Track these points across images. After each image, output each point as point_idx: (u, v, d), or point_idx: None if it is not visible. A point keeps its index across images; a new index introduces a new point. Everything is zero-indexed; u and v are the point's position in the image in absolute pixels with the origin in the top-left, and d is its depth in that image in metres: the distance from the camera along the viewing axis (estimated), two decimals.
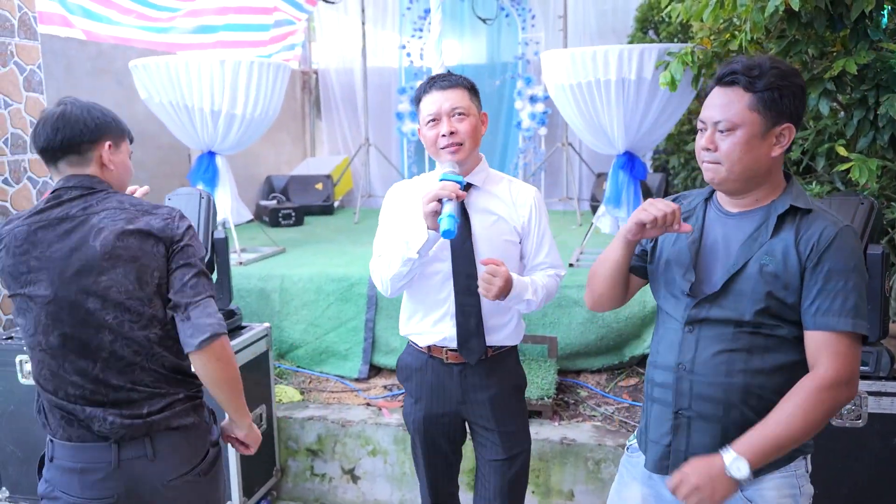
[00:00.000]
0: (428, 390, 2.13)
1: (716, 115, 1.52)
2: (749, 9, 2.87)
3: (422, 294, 2.09)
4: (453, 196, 1.85)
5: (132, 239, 1.65)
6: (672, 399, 1.61)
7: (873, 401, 2.30)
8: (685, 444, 1.60)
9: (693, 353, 1.58)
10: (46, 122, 1.74)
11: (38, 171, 4.04)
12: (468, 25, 7.01)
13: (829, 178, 3.34)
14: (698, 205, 1.68)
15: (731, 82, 1.51)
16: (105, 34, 4.70)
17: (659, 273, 1.70)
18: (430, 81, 2.04)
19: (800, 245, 1.49)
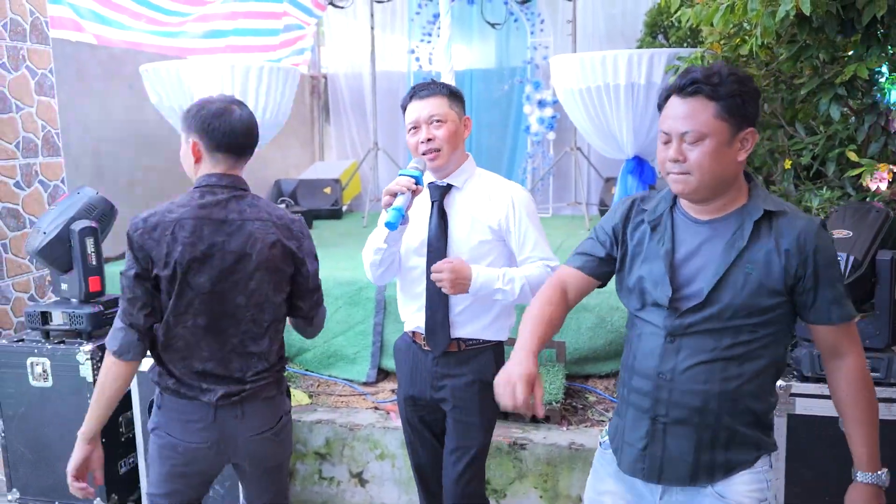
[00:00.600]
0: (408, 372, 2.32)
1: (682, 126, 1.50)
2: (760, 13, 2.86)
3: (405, 286, 2.31)
4: (405, 190, 2.02)
5: (277, 251, 1.97)
6: (650, 405, 1.62)
7: (884, 407, 2.28)
8: (661, 450, 1.62)
9: (674, 363, 1.59)
10: (241, 121, 1.99)
11: (49, 175, 4.07)
12: (477, 30, 7.02)
13: (840, 183, 3.32)
14: (664, 213, 1.65)
15: (693, 92, 1.50)
16: (116, 38, 4.73)
17: (631, 283, 1.67)
18: (412, 91, 2.19)
19: (782, 250, 1.51)
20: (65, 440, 2.98)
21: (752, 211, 1.54)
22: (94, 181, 4.40)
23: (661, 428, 1.61)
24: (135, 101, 4.75)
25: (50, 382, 2.97)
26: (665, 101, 1.56)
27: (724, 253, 1.54)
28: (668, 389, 1.59)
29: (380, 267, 2.22)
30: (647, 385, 1.62)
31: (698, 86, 1.48)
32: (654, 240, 1.63)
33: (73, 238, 2.89)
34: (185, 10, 5.24)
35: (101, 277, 3.02)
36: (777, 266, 1.51)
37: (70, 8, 4.36)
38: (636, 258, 1.66)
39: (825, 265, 1.53)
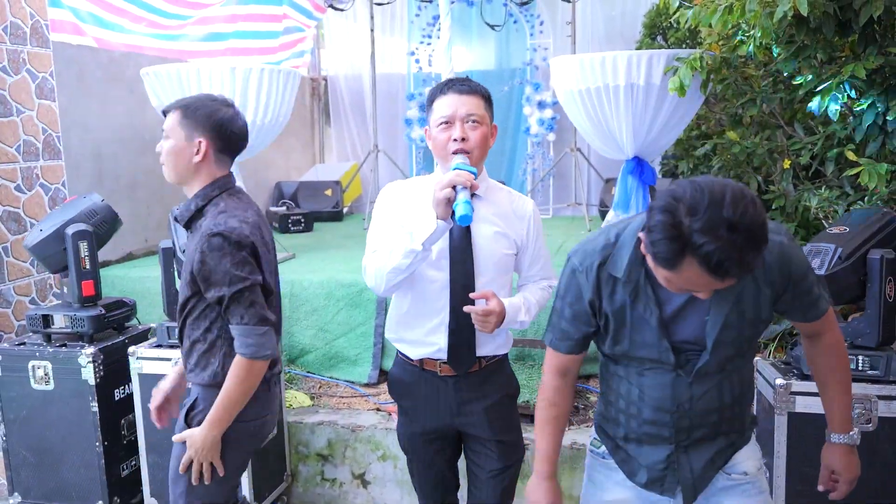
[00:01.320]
0: (423, 405, 2.08)
1: (724, 287, 1.38)
2: (758, 14, 2.87)
3: (418, 302, 2.02)
4: (468, 184, 1.82)
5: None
6: (670, 434, 1.64)
7: (883, 405, 2.29)
8: (688, 467, 1.66)
9: (690, 394, 1.61)
10: (245, 126, 2.04)
11: (49, 178, 4.08)
12: (476, 32, 7.03)
13: (839, 182, 3.33)
14: (639, 278, 1.54)
15: (739, 276, 1.32)
16: (116, 42, 4.74)
17: (624, 349, 1.62)
18: (448, 83, 1.99)
19: (767, 281, 1.54)
20: (66, 443, 2.99)
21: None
22: (94, 184, 4.42)
23: (682, 451, 1.66)
24: (135, 104, 4.77)
25: (52, 386, 2.98)
26: (678, 263, 1.31)
27: (718, 302, 1.52)
28: (688, 417, 1.62)
29: (404, 273, 1.91)
30: (666, 417, 1.63)
31: (744, 271, 1.31)
32: (637, 308, 1.56)
33: (66, 240, 2.90)
34: (186, 13, 5.25)
35: (95, 282, 2.99)
36: (765, 297, 1.56)
37: (70, 11, 4.37)
38: (622, 327, 1.60)
39: (799, 279, 1.56)
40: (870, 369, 2.33)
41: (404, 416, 2.16)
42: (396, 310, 2.10)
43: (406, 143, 7.34)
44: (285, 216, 5.93)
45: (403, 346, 2.10)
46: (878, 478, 2.29)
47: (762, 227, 1.28)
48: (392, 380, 2.17)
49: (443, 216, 1.85)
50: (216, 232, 1.86)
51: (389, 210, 2.04)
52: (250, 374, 1.92)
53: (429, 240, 1.87)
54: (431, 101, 2.00)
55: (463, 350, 2.00)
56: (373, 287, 1.99)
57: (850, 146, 3.00)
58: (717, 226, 1.24)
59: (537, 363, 3.52)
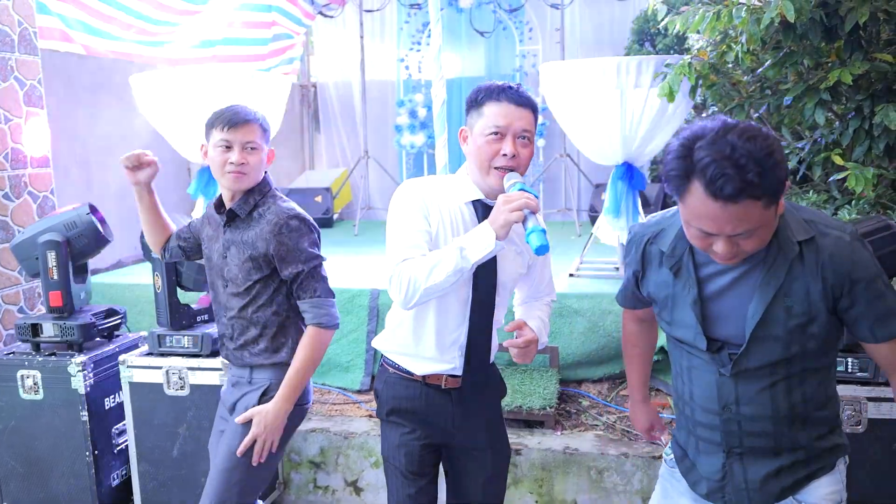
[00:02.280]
0: (424, 419, 1.99)
1: (734, 229, 1.34)
2: (745, 21, 2.90)
3: (435, 320, 1.91)
4: (538, 210, 1.71)
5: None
6: (721, 439, 1.57)
7: (873, 406, 2.31)
8: (743, 481, 1.58)
9: (735, 395, 1.53)
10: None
11: (38, 186, 4.05)
12: (466, 38, 7.07)
13: (826, 186, 3.36)
14: (683, 254, 1.54)
15: (738, 198, 1.30)
16: (105, 49, 4.72)
17: (667, 326, 1.62)
18: (502, 89, 1.82)
19: (819, 276, 1.43)
20: (56, 453, 2.97)
21: (784, 246, 1.44)
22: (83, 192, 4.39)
23: (737, 458, 1.57)
24: (124, 111, 4.75)
25: (41, 395, 2.95)
26: (684, 187, 1.34)
27: (761, 292, 1.46)
28: (736, 422, 1.54)
29: (443, 291, 1.77)
30: (714, 420, 1.57)
31: (742, 191, 1.28)
32: (678, 284, 1.55)
33: (36, 248, 2.88)
34: (174, 21, 5.24)
35: (63, 292, 2.91)
36: (817, 294, 1.44)
37: (59, 18, 4.35)
38: (667, 302, 1.60)
39: (861, 281, 1.43)
40: (858, 371, 2.35)
41: (400, 431, 2.02)
42: (406, 326, 1.96)
43: (396, 150, 7.35)
44: None
45: (406, 361, 1.98)
46: (867, 479, 2.31)
47: (769, 156, 1.28)
48: (385, 397, 2.03)
49: (503, 237, 1.71)
50: (293, 215, 2.09)
51: (414, 212, 1.86)
52: (323, 343, 2.12)
53: (481, 260, 1.73)
54: (481, 104, 1.83)
55: (479, 364, 1.96)
56: (400, 300, 1.80)
57: (836, 150, 3.03)
58: (720, 146, 1.28)
59: (529, 367, 3.52)
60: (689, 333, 1.55)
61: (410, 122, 7.07)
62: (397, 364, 2.00)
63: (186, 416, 2.92)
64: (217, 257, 2.19)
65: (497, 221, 1.70)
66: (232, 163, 2.06)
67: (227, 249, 2.14)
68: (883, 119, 2.74)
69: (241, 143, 2.07)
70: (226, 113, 2.08)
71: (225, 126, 2.06)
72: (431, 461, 2.05)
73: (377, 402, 2.08)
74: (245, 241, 2.11)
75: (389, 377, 2.03)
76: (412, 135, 7.08)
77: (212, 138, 2.10)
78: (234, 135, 2.06)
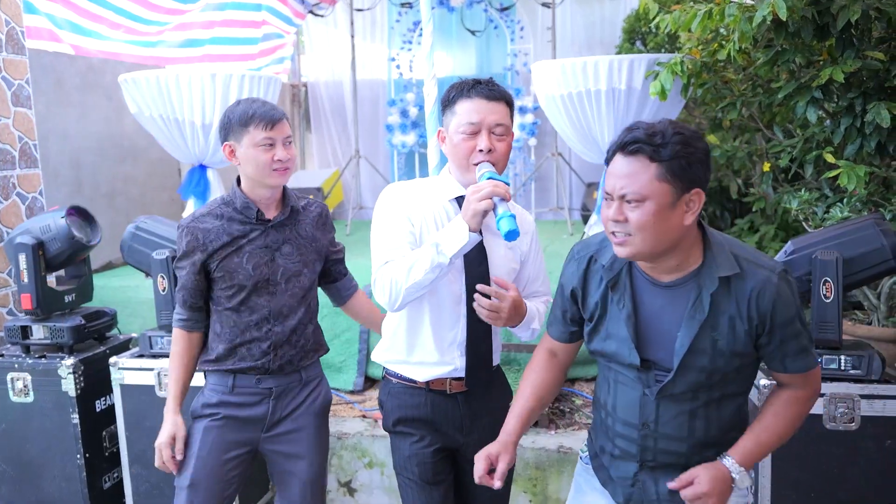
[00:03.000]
0: (433, 427, 1.95)
1: (622, 187, 1.43)
2: (737, 19, 2.90)
3: (430, 320, 1.90)
4: (507, 196, 1.71)
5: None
6: (636, 452, 1.62)
7: (866, 404, 2.31)
8: (654, 489, 1.63)
9: (655, 415, 1.58)
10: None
11: (26, 187, 4.02)
12: (457, 37, 7.06)
13: (818, 184, 3.38)
14: (622, 271, 1.59)
15: (635, 151, 1.41)
16: (94, 49, 4.68)
17: (599, 343, 1.64)
18: (473, 84, 1.84)
19: (744, 315, 1.48)
20: (47, 456, 2.94)
21: (706, 281, 1.49)
22: (73, 192, 4.36)
23: (648, 470, 1.63)
24: (114, 111, 4.72)
25: (31, 398, 2.92)
26: (611, 157, 1.48)
27: (687, 324, 1.50)
28: (653, 439, 1.60)
29: (425, 289, 1.78)
30: (633, 433, 1.61)
31: (640, 145, 1.41)
32: (614, 301, 1.59)
33: (9, 249, 2.86)
34: (163, 20, 5.21)
35: (34, 295, 2.88)
36: (741, 330, 1.49)
37: (47, 18, 4.32)
38: (601, 319, 1.62)
39: (782, 322, 1.49)
40: (852, 368, 2.35)
41: (409, 440, 1.98)
42: (401, 332, 1.96)
43: (387, 149, 7.34)
44: None
45: (407, 369, 1.96)
46: (861, 476, 2.31)
47: (683, 141, 1.41)
48: (390, 407, 1.99)
49: (476, 228, 1.72)
50: (322, 203, 2.25)
51: (396, 214, 1.89)
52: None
53: (458, 253, 1.74)
54: (453, 103, 1.85)
55: (481, 367, 1.94)
56: (385, 302, 1.81)
57: (828, 149, 3.04)
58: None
59: (522, 366, 3.52)
60: (623, 348, 1.58)
61: (402, 121, 7.06)
62: (399, 374, 1.98)
63: None
64: (261, 263, 2.07)
65: (467, 213, 1.71)
66: (280, 160, 2.01)
67: (278, 250, 2.09)
68: (874, 117, 2.75)
69: (283, 140, 2.03)
70: (260, 110, 2.00)
71: (267, 124, 1.99)
72: (446, 468, 2.00)
73: (382, 413, 2.05)
74: (303, 234, 2.14)
75: (393, 387, 2.00)
76: (403, 134, 7.07)
77: (249, 138, 2.00)
78: (276, 132, 2.01)
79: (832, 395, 2.32)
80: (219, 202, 2.12)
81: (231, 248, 2.06)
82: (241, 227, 2.07)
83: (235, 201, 2.08)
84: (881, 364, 2.37)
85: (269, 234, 2.09)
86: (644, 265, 1.56)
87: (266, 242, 2.08)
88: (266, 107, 2.03)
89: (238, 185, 2.10)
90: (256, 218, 2.07)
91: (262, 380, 2.13)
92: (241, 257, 2.06)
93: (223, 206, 2.10)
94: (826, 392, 2.31)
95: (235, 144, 2.04)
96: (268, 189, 2.06)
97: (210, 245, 2.05)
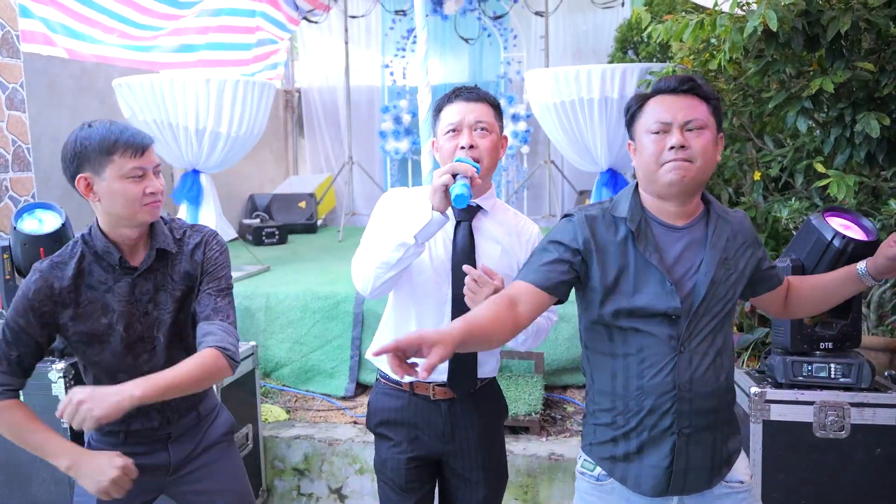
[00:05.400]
0: (412, 432, 1.95)
1: (685, 115, 1.56)
2: (728, 29, 2.93)
3: (415, 319, 1.91)
4: (469, 174, 1.72)
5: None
6: (672, 422, 1.57)
7: (856, 412, 2.33)
8: (685, 463, 1.59)
9: (690, 373, 1.56)
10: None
11: (19, 191, 4.00)
12: (450, 45, 7.09)
13: (808, 194, 3.40)
14: (640, 221, 1.60)
15: (688, 90, 1.58)
16: (88, 53, 4.68)
17: (626, 300, 1.58)
18: (455, 91, 1.92)
19: (744, 245, 1.67)
20: (37, 460, 2.89)
21: (714, 216, 1.65)
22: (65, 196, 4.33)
23: (684, 441, 1.59)
24: (107, 115, 4.69)
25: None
26: (646, 102, 1.62)
27: (710, 254, 1.60)
28: (688, 401, 1.57)
29: (393, 269, 1.77)
30: (667, 402, 1.57)
31: (693, 84, 1.58)
32: (638, 249, 1.58)
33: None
34: (158, 25, 5.21)
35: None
36: (743, 260, 1.67)
37: (41, 22, 4.31)
38: (624, 274, 1.58)
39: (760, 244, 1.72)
40: (842, 377, 2.37)
41: (387, 444, 1.99)
42: (388, 330, 1.98)
43: (381, 156, 7.35)
44: (259, 228, 5.88)
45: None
46: (851, 484, 2.32)
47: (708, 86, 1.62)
48: (374, 409, 2.01)
49: (439, 207, 1.73)
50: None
51: (388, 214, 1.92)
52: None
53: (422, 232, 1.75)
54: (438, 111, 1.93)
55: (465, 372, 1.91)
56: (361, 288, 1.84)
57: (818, 158, 3.06)
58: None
59: (514, 373, 3.53)
60: (658, 297, 1.55)
61: (395, 128, 7.08)
62: (387, 374, 1.98)
63: None
64: (133, 320, 1.81)
65: (430, 191, 1.76)
66: (152, 192, 1.75)
67: (151, 301, 1.83)
68: (864, 127, 2.78)
69: (153, 169, 1.77)
70: (125, 135, 1.73)
71: (135, 151, 1.72)
72: (422, 477, 1.98)
73: (367, 413, 2.06)
74: (176, 277, 1.85)
75: (380, 388, 2.01)
76: (397, 141, 7.08)
77: (115, 168, 1.72)
78: (145, 160, 1.74)
79: (822, 403, 2.33)
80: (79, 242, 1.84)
81: (92, 304, 1.79)
82: (107, 277, 1.80)
83: (95, 243, 1.80)
84: (871, 372, 2.39)
85: (138, 284, 1.81)
86: (665, 210, 1.62)
87: (136, 294, 1.80)
88: (129, 131, 1.73)
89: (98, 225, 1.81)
90: (120, 264, 1.79)
91: (158, 431, 1.90)
92: (104, 316, 1.80)
93: (84, 246, 1.82)
94: (816, 400, 2.33)
95: (93, 177, 1.72)
96: (135, 228, 1.79)
97: (64, 297, 1.77)
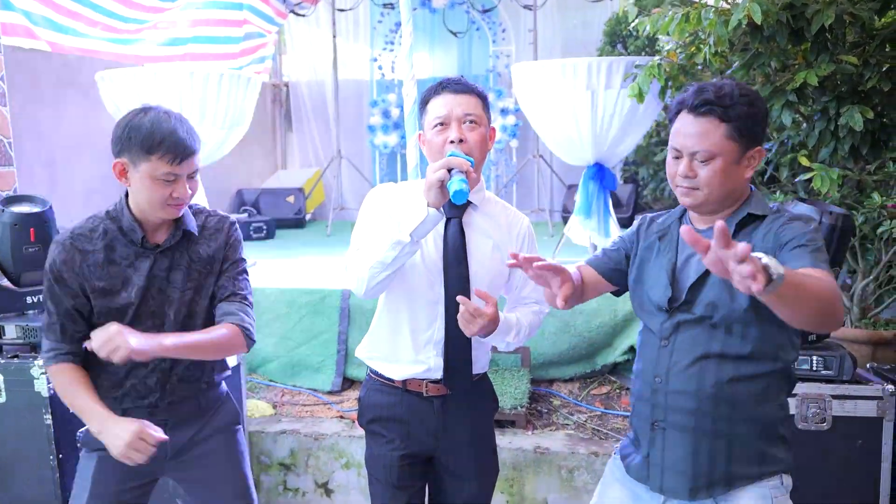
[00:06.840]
0: (405, 429, 1.93)
1: (693, 146, 1.52)
2: (713, 23, 2.93)
3: (407, 318, 1.89)
4: (464, 168, 1.71)
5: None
6: (649, 411, 1.63)
7: (837, 404, 2.35)
8: (660, 458, 1.61)
9: (667, 365, 1.60)
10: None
11: (1, 185, 3.97)
12: (439, 38, 7.07)
13: (793, 187, 3.42)
14: (672, 224, 1.71)
15: (706, 112, 1.50)
16: (70, 46, 4.63)
17: (639, 290, 1.71)
18: (442, 83, 1.87)
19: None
20: (19, 457, 2.90)
21: (737, 215, 1.58)
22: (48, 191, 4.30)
23: (659, 434, 1.61)
24: (90, 109, 4.66)
25: (3, 398, 2.88)
26: (675, 116, 1.57)
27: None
28: (663, 392, 1.60)
29: (388, 268, 1.76)
30: (647, 390, 1.64)
31: (710, 106, 1.50)
32: (660, 249, 1.69)
33: None
34: (143, 18, 5.17)
35: None
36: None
37: (23, 15, 4.26)
38: (644, 266, 1.71)
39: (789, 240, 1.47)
40: (823, 369, 2.39)
41: (379, 441, 1.97)
42: (381, 328, 1.97)
43: (369, 150, 7.33)
44: (247, 223, 5.86)
45: (385, 366, 1.94)
46: (832, 476, 2.34)
47: (745, 97, 1.50)
48: (366, 404, 1.99)
49: (434, 203, 1.72)
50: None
51: (378, 211, 1.90)
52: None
53: (418, 230, 1.73)
54: (425, 103, 1.89)
55: (459, 369, 1.90)
56: (355, 288, 1.82)
57: (803, 152, 3.07)
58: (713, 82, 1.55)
59: (501, 367, 3.53)
60: (655, 289, 1.65)
61: (384, 122, 7.06)
62: (378, 371, 1.97)
63: None
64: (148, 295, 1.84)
65: (425, 187, 1.74)
66: (178, 197, 1.78)
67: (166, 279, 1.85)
68: (848, 120, 2.79)
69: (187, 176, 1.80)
70: (171, 139, 1.74)
71: (174, 158, 1.74)
72: (414, 474, 1.97)
73: (359, 410, 2.04)
74: (196, 258, 1.89)
75: (372, 385, 1.99)
76: (385, 135, 7.06)
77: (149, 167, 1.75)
78: (182, 168, 1.76)
79: (804, 395, 2.34)
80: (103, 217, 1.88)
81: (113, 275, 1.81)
82: (132, 252, 1.83)
83: (122, 220, 1.84)
84: (853, 365, 2.41)
85: (157, 261, 1.83)
86: (695, 216, 1.65)
87: (154, 271, 1.83)
88: (176, 135, 1.72)
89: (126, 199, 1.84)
90: (142, 243, 1.83)
91: (156, 412, 1.89)
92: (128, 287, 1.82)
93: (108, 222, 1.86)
94: (798, 392, 2.34)
95: (129, 166, 1.76)
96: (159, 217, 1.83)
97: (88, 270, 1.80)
